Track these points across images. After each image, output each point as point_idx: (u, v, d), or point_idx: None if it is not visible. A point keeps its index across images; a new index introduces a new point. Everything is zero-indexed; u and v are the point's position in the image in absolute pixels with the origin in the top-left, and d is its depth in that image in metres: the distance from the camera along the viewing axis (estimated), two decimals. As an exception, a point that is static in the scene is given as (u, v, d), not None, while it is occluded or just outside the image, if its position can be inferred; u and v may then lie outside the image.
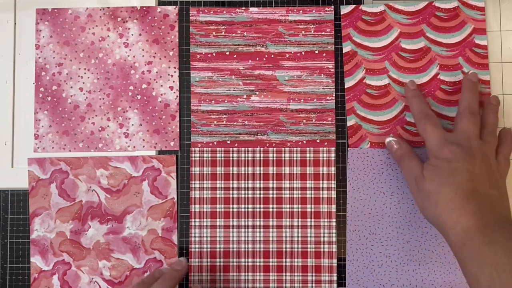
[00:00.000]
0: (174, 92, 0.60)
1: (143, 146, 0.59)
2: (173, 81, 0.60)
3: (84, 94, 0.60)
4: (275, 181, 0.58)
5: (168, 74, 0.60)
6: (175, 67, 0.60)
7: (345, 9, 0.59)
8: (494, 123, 0.53)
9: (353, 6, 0.59)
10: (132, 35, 0.60)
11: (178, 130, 0.60)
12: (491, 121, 0.53)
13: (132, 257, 0.57)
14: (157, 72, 0.60)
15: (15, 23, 0.61)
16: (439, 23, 0.58)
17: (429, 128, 0.51)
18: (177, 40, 0.60)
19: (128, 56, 0.60)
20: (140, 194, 0.58)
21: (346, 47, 0.59)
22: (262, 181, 0.58)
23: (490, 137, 0.51)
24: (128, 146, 0.59)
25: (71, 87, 0.60)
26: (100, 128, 0.59)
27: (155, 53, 0.60)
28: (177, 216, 0.59)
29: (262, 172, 0.58)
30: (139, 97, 0.60)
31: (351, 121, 0.58)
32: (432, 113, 0.53)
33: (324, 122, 0.59)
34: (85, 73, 0.60)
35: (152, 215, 0.57)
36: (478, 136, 0.51)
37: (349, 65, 0.59)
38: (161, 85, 0.60)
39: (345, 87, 0.59)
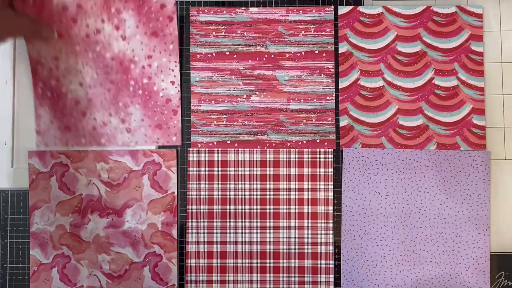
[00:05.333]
0: (176, 87, 0.67)
1: (146, 142, 0.66)
2: (174, 76, 0.67)
3: (84, 89, 0.66)
4: (272, 182, 0.66)
5: (169, 69, 0.67)
6: (175, 61, 0.67)
7: (342, 10, 0.68)
8: None
9: (350, 7, 0.68)
10: (129, 27, 0.66)
11: (180, 125, 0.67)
12: None
13: (131, 251, 0.65)
14: (157, 67, 0.66)
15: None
16: (436, 28, 0.67)
17: None
18: (177, 33, 0.66)
19: (127, 49, 0.66)
20: (140, 188, 0.66)
21: (342, 48, 0.68)
22: (259, 182, 0.66)
23: None
24: (131, 142, 0.66)
25: (71, 82, 0.66)
26: (102, 124, 0.66)
27: (155, 46, 0.66)
28: (177, 211, 0.66)
29: (259, 173, 0.66)
30: (140, 92, 0.66)
31: (343, 122, 0.67)
32: None
33: (324, 122, 0.67)
34: (84, 68, 0.66)
35: (152, 209, 0.65)
36: None
37: (344, 66, 0.67)
38: (162, 80, 0.67)
39: (339, 87, 0.67)
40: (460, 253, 0.64)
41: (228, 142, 0.67)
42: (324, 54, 0.68)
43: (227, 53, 0.68)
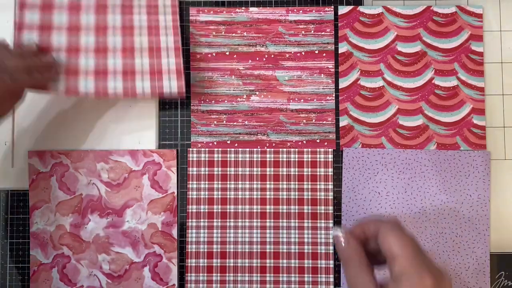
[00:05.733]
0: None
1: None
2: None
3: None
4: (272, 182, 0.67)
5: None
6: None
7: (342, 10, 0.68)
8: None
9: (350, 7, 0.68)
10: None
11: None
12: None
13: (131, 251, 0.65)
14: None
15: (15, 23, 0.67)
16: (436, 28, 0.67)
17: None
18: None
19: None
20: (140, 188, 0.66)
21: (342, 48, 0.68)
22: (259, 182, 0.67)
23: None
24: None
25: None
26: None
27: None
28: (177, 211, 0.67)
29: (259, 173, 0.67)
30: None
31: (343, 122, 0.68)
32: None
33: (324, 122, 0.67)
34: None
35: (152, 209, 0.66)
36: None
37: (344, 66, 0.68)
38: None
39: (339, 87, 0.67)
40: (460, 253, 0.65)
41: (228, 142, 0.68)
42: (324, 54, 0.68)
43: (227, 53, 0.69)
